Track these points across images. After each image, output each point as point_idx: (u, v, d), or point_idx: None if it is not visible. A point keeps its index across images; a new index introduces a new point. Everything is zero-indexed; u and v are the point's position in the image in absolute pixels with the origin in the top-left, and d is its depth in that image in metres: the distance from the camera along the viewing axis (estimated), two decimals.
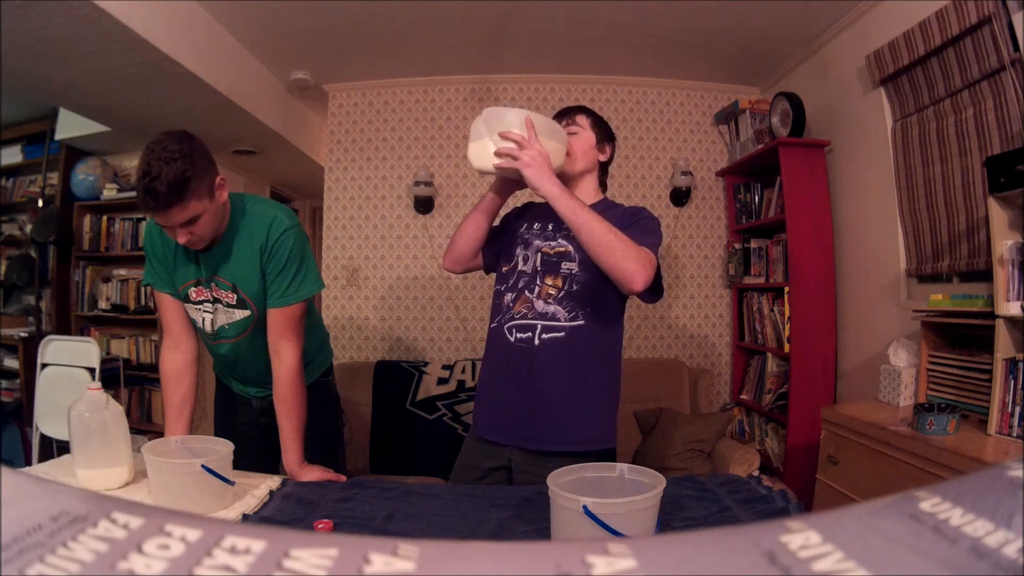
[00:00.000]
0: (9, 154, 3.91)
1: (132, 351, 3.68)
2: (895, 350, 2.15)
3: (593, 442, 1.33)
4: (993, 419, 1.66)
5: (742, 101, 3.17)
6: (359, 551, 0.16)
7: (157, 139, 1.15)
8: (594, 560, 0.15)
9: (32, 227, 3.65)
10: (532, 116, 1.23)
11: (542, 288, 1.32)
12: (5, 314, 3.77)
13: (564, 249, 1.34)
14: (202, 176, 1.18)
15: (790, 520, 0.17)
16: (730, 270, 3.26)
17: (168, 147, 1.13)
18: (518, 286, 1.35)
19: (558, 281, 1.31)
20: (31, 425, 2.80)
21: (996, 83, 1.89)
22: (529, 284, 1.34)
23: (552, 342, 1.30)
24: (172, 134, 1.16)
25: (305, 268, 1.35)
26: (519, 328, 1.32)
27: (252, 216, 1.33)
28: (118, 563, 0.15)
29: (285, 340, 1.33)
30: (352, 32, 2.77)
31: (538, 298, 1.32)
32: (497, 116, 1.22)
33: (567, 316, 1.30)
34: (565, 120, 1.41)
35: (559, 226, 1.35)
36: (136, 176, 1.14)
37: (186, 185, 1.14)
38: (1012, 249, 1.67)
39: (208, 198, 1.21)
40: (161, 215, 1.17)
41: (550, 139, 1.25)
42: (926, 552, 0.16)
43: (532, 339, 1.31)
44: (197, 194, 1.17)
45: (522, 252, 1.38)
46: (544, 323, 1.30)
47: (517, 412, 1.33)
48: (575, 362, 1.30)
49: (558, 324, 1.30)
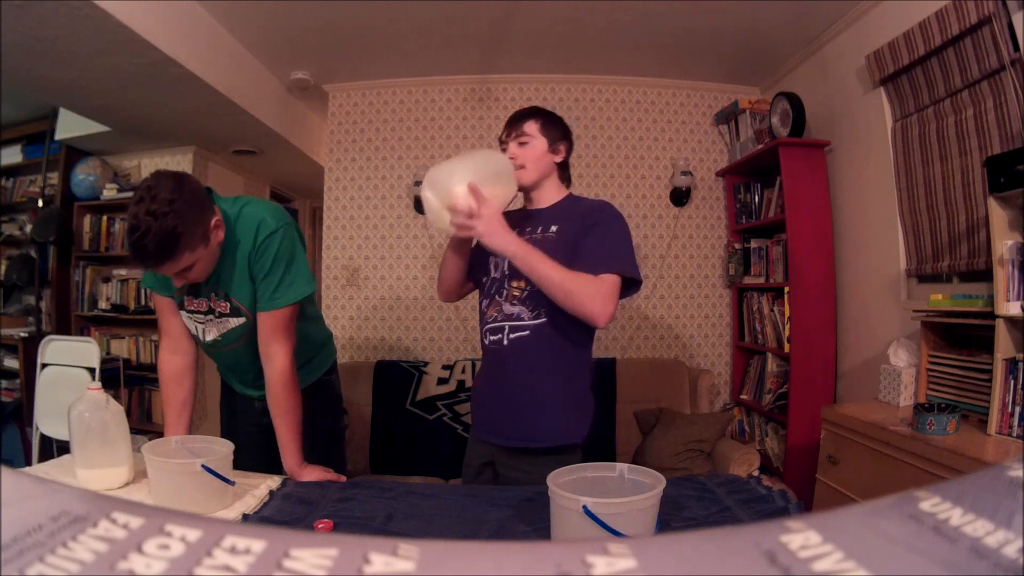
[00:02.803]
0: (9, 154, 3.91)
1: (132, 351, 3.68)
2: (895, 350, 2.15)
3: (553, 438, 1.33)
4: (993, 419, 1.66)
5: (742, 101, 3.17)
6: (359, 551, 0.16)
7: (147, 185, 1.09)
8: (594, 560, 0.15)
9: (32, 227, 3.65)
10: (474, 166, 1.26)
11: (508, 291, 1.37)
12: (5, 314, 3.77)
13: None
14: (193, 228, 1.13)
15: (790, 520, 0.17)
16: (730, 270, 3.26)
17: (158, 197, 1.07)
18: (491, 292, 1.41)
19: (522, 283, 1.34)
20: (31, 425, 2.80)
21: (996, 83, 1.89)
22: (499, 289, 1.39)
23: (518, 341, 1.34)
24: (162, 179, 1.11)
25: (294, 270, 1.32)
26: (491, 331, 1.38)
27: (241, 223, 1.29)
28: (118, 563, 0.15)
29: (276, 343, 1.31)
30: (352, 32, 2.77)
31: (505, 300, 1.36)
32: (443, 184, 1.25)
33: (531, 315, 1.33)
34: (514, 131, 1.41)
35: (523, 230, 1.38)
36: (125, 228, 1.10)
37: (176, 241, 1.10)
38: (1012, 249, 1.67)
39: (202, 246, 1.17)
40: (152, 268, 1.15)
41: (496, 185, 1.27)
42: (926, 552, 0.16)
43: (502, 340, 1.35)
44: (189, 246, 1.14)
45: (493, 260, 1.42)
46: (511, 324, 1.35)
47: (493, 409, 1.40)
48: (539, 359, 1.33)
49: (523, 323, 1.34)
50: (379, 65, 3.16)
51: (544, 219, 1.39)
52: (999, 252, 1.69)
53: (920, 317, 2.01)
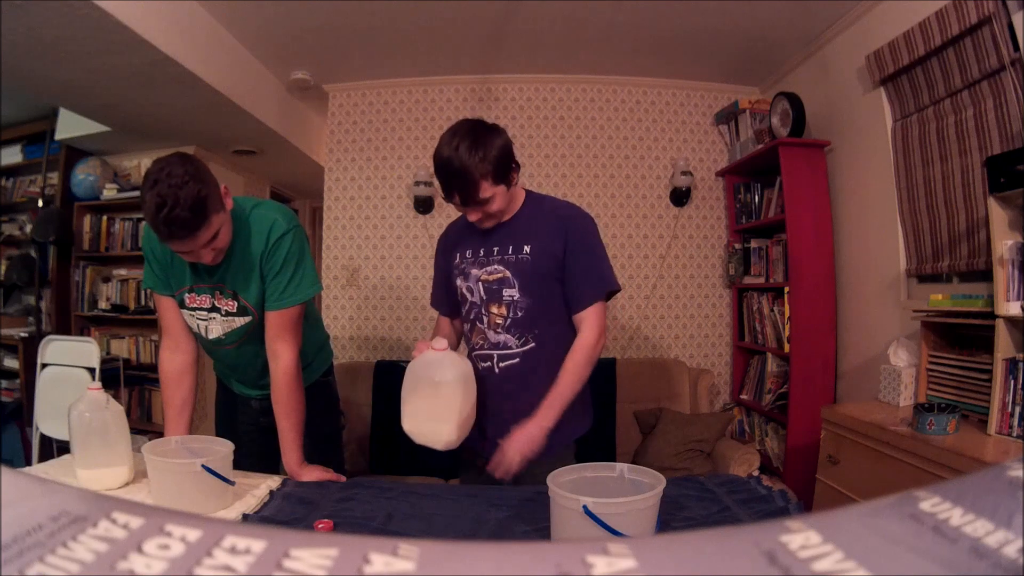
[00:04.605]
0: (9, 154, 3.91)
1: (132, 351, 3.68)
2: (895, 350, 2.15)
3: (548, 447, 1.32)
4: (993, 419, 1.66)
5: (742, 101, 3.17)
6: (359, 551, 0.16)
7: (157, 167, 1.13)
8: (594, 560, 0.15)
9: (32, 227, 3.65)
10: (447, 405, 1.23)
11: (490, 318, 1.35)
12: (5, 314, 3.77)
13: (501, 275, 1.33)
14: (213, 190, 1.18)
15: (790, 520, 0.17)
16: (730, 270, 3.26)
17: (173, 173, 1.12)
18: (471, 317, 1.38)
19: (502, 309, 1.33)
20: (31, 425, 2.80)
21: (996, 83, 1.89)
22: (479, 315, 1.36)
23: (509, 369, 1.34)
24: (170, 160, 1.15)
25: (302, 270, 1.35)
26: (480, 358, 1.37)
27: (253, 222, 1.33)
28: (118, 563, 0.15)
29: (282, 341, 1.34)
30: (352, 32, 2.77)
31: (489, 328, 1.35)
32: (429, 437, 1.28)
33: (518, 343, 1.33)
34: (471, 201, 1.25)
35: (490, 250, 1.35)
36: (150, 211, 1.11)
37: (204, 204, 1.14)
38: (1012, 249, 1.67)
39: (223, 210, 1.22)
40: (189, 240, 1.16)
41: (466, 388, 1.25)
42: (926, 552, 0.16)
43: (492, 368, 1.35)
44: (215, 209, 1.18)
45: (464, 284, 1.39)
46: (499, 352, 1.34)
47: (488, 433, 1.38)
48: (528, 386, 1.33)
49: (511, 351, 1.33)
50: (379, 65, 3.16)
51: (514, 235, 1.34)
52: (999, 252, 1.69)
53: (920, 317, 2.01)
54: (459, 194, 1.25)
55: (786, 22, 2.66)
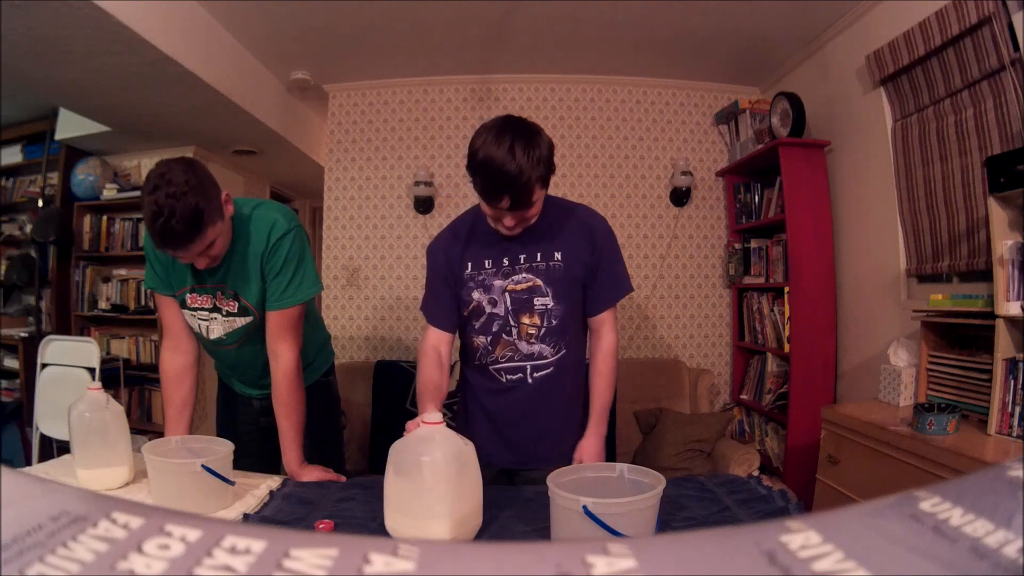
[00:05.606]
0: (9, 154, 3.91)
1: (132, 351, 3.68)
2: (895, 350, 2.15)
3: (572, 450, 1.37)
4: (993, 419, 1.66)
5: (742, 101, 3.17)
6: (359, 551, 0.16)
7: (159, 172, 1.12)
8: (594, 560, 0.15)
9: (32, 227, 3.65)
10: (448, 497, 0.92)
11: (520, 328, 1.29)
12: (5, 314, 3.77)
13: (532, 283, 1.28)
14: (212, 203, 1.17)
15: (790, 520, 0.17)
16: (730, 270, 3.26)
17: (173, 181, 1.11)
18: (491, 330, 1.30)
19: (535, 319, 1.28)
20: (31, 425, 2.80)
21: (996, 83, 1.89)
22: (504, 327, 1.29)
23: (544, 379, 1.33)
24: (173, 165, 1.14)
25: (303, 270, 1.35)
26: (508, 371, 1.32)
27: (254, 222, 1.33)
28: (118, 563, 0.15)
29: (283, 341, 1.34)
30: (352, 32, 2.77)
31: (520, 339, 1.30)
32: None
33: (553, 352, 1.32)
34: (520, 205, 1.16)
35: (515, 259, 1.28)
36: (147, 218, 1.11)
37: (201, 217, 1.13)
38: (1012, 249, 1.67)
39: (220, 220, 1.21)
40: (182, 250, 1.16)
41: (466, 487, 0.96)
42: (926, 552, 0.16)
43: (524, 379, 1.33)
44: (211, 221, 1.17)
45: (483, 296, 1.29)
46: (532, 363, 1.32)
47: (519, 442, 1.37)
48: (562, 392, 1.35)
49: (546, 361, 1.32)
50: (379, 65, 3.16)
51: (540, 241, 1.28)
52: (999, 252, 1.69)
53: (920, 317, 2.01)
54: (511, 199, 1.13)
55: (786, 22, 2.66)
